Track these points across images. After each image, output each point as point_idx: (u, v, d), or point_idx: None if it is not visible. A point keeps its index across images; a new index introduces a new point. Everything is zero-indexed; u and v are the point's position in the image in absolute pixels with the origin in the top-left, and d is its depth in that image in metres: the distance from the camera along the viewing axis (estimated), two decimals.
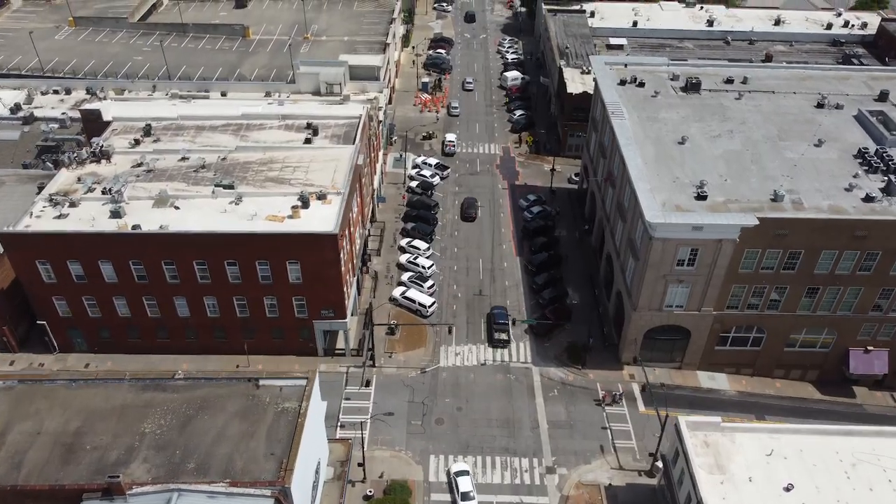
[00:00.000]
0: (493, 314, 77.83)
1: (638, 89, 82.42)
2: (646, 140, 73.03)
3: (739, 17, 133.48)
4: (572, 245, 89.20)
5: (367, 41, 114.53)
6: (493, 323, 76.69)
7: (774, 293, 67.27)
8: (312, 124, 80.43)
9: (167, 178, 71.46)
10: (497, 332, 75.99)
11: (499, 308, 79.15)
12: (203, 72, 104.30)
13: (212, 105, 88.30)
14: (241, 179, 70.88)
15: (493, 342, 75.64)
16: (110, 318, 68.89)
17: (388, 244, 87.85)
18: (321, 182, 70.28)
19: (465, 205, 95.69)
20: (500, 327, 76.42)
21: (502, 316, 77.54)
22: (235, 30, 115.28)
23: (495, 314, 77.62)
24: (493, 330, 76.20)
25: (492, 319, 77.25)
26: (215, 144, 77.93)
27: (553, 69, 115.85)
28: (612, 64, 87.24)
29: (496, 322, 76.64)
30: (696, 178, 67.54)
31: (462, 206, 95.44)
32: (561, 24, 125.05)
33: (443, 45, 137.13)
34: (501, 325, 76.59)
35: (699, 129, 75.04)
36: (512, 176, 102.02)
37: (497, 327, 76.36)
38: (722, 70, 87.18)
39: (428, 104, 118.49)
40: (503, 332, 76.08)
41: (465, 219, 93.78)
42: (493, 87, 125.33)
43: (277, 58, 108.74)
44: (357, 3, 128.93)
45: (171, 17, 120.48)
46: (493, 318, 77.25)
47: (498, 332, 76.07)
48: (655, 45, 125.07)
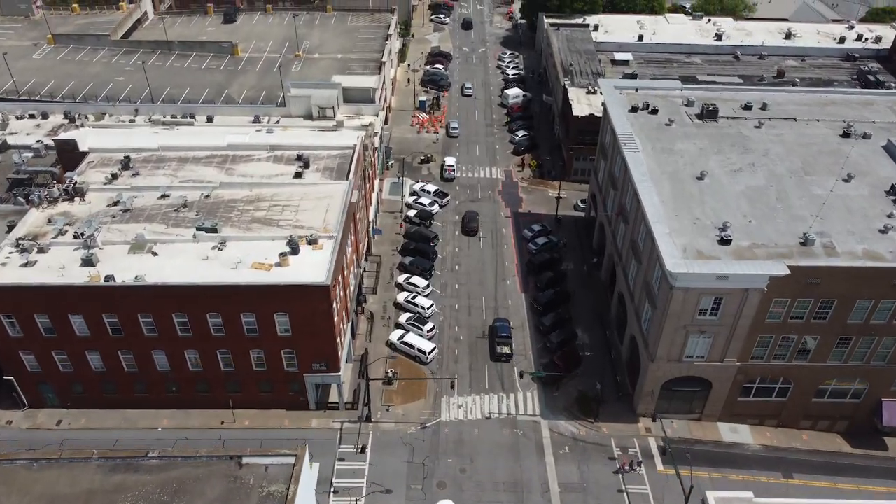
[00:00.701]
0: (495, 327, 75.97)
1: (651, 116, 77.30)
2: (662, 175, 67.88)
3: (748, 30, 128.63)
4: (580, 279, 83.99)
5: (361, 59, 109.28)
6: (496, 336, 74.78)
7: (803, 343, 62.26)
8: (303, 156, 75.06)
9: (145, 218, 66.03)
10: (499, 346, 74.01)
11: (501, 321, 77.12)
12: (188, 93, 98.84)
13: (196, 133, 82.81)
14: (225, 220, 65.49)
15: (495, 356, 73.58)
16: (83, 372, 63.45)
17: (384, 280, 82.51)
18: (312, 223, 64.95)
19: (467, 218, 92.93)
20: (503, 341, 74.42)
21: (504, 329, 75.67)
22: (223, 47, 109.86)
23: (497, 327, 75.76)
24: (496, 343, 74.17)
25: (494, 332, 75.40)
26: (199, 179, 72.53)
27: (556, 87, 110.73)
28: (623, 88, 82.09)
29: (498, 335, 74.80)
30: (717, 218, 62.42)
31: (463, 220, 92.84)
32: (564, 40, 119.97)
33: (441, 59, 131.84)
34: (504, 338, 74.64)
35: (718, 161, 69.95)
36: (515, 203, 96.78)
37: (499, 340, 74.40)
38: (739, 94, 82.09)
39: (426, 124, 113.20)
40: (506, 345, 74.07)
41: (467, 233, 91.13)
42: (494, 105, 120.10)
43: (267, 77, 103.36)
44: (351, 18, 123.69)
45: (155, 34, 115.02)
46: (495, 331, 75.49)
47: (500, 345, 74.07)
48: (662, 61, 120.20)
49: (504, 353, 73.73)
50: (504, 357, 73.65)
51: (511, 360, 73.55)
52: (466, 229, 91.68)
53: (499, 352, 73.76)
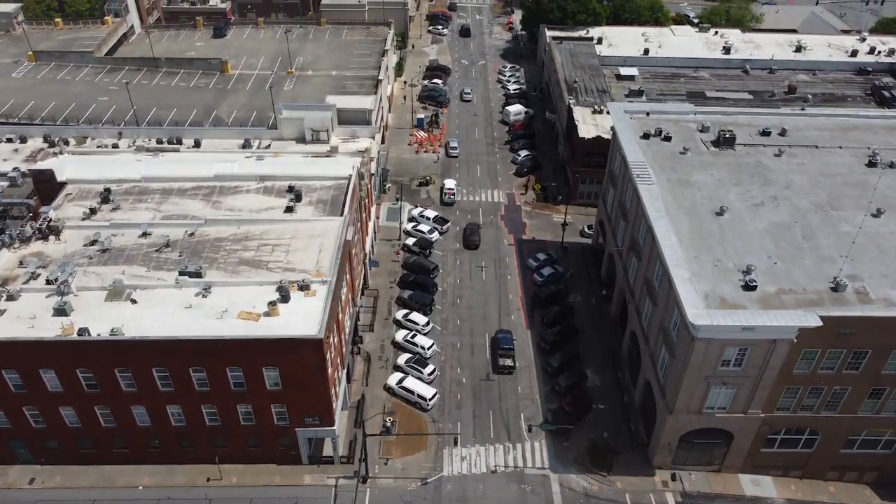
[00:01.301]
0: (497, 339, 75.02)
1: (664, 144, 72.94)
2: (678, 211, 63.49)
3: (757, 42, 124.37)
4: (588, 313, 79.56)
5: (357, 76, 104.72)
6: (498, 348, 73.83)
7: (833, 394, 57.96)
8: (295, 188, 70.53)
9: (125, 259, 61.41)
10: (502, 358, 72.98)
11: (503, 332, 75.94)
12: (175, 114, 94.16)
13: (181, 161, 78.04)
14: (210, 261, 60.91)
15: (498, 368, 72.51)
16: (57, 428, 58.81)
17: (381, 316, 77.99)
18: (304, 265, 60.41)
19: (468, 231, 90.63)
20: (505, 352, 73.37)
21: (507, 341, 74.54)
22: (213, 64, 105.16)
23: (500, 339, 74.79)
24: (498, 355, 73.22)
25: (496, 344, 74.47)
26: (183, 214, 67.93)
27: (560, 105, 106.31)
28: (633, 113, 77.72)
29: (501, 347, 73.80)
30: (740, 260, 58.06)
31: (464, 233, 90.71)
32: (567, 54, 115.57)
33: (439, 73, 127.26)
34: (506, 350, 73.59)
35: (738, 195, 65.58)
36: (518, 229, 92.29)
37: (502, 352, 73.37)
38: (756, 119, 77.70)
39: (424, 143, 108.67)
40: (508, 357, 73.02)
41: (468, 246, 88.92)
42: (495, 122, 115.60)
43: (258, 96, 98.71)
44: (346, 32, 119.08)
45: (141, 50, 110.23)
46: (497, 342, 74.53)
47: (503, 357, 73.06)
48: (668, 75, 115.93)
49: (506, 365, 72.47)
50: (506, 369, 72.34)
51: (514, 372, 72.24)
52: (468, 242, 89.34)
53: (501, 364, 72.50)
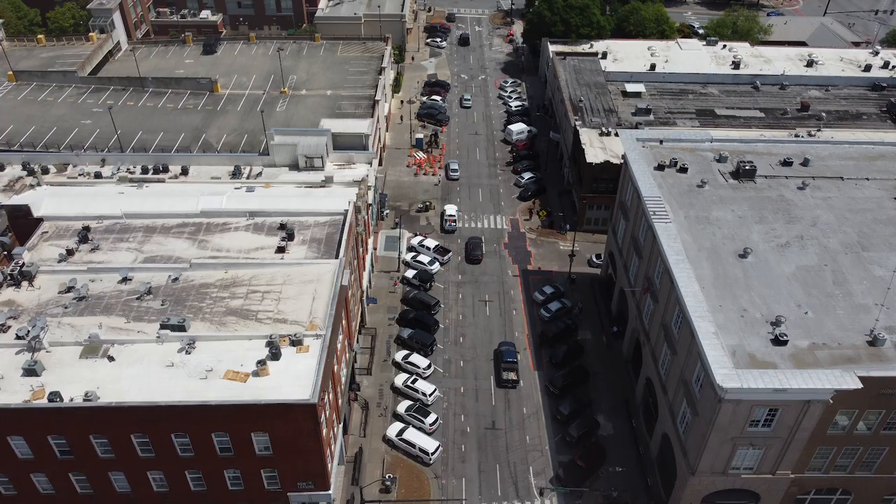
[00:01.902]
0: (500, 351, 74.10)
1: (680, 176, 68.66)
2: (699, 253, 59.19)
3: (767, 57, 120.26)
4: (599, 352, 75.28)
5: (353, 95, 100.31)
6: (501, 361, 72.85)
7: (869, 454, 53.75)
8: (287, 225, 66.11)
9: (102, 309, 56.86)
10: (505, 372, 71.94)
11: (506, 344, 74.89)
12: (162, 139, 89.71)
13: (166, 193, 73.42)
14: (195, 311, 56.40)
15: (501, 383, 71.56)
16: (29, 496, 54.16)
17: (380, 358, 73.56)
18: (297, 315, 55.93)
19: (470, 245, 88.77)
20: (509, 366, 72.41)
21: (510, 354, 73.45)
22: (202, 84, 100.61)
23: (503, 352, 73.74)
24: (501, 369, 72.19)
25: (499, 357, 73.56)
26: (167, 254, 63.46)
27: (565, 125, 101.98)
28: (646, 141, 73.46)
29: (504, 360, 72.79)
30: (768, 309, 53.77)
31: (467, 248, 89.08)
32: (571, 71, 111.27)
33: (438, 89, 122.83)
34: (510, 363, 72.58)
35: (762, 234, 61.30)
36: (523, 259, 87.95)
37: (505, 366, 72.37)
38: (775, 148, 73.45)
39: (423, 165, 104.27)
40: (511, 370, 72.06)
41: (470, 260, 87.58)
42: (496, 142, 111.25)
43: (250, 118, 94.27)
44: (342, 48, 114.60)
45: (127, 68, 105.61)
46: (500, 355, 73.58)
47: (506, 370, 72.06)
48: (676, 92, 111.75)
49: (510, 378, 71.50)
50: (510, 383, 71.39)
51: (518, 386, 71.22)
52: (470, 257, 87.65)
53: (504, 378, 71.50)
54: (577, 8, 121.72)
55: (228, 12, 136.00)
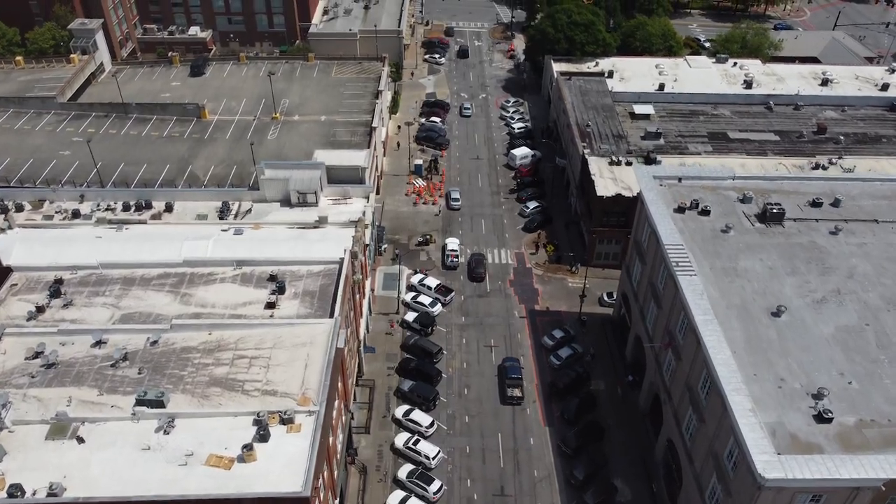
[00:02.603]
0: (505, 367, 72.67)
1: (702, 219, 63.65)
2: (728, 310, 54.18)
3: (780, 75, 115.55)
4: (614, 404, 70.16)
5: (348, 121, 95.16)
6: (506, 378, 71.31)
7: None
8: (277, 277, 60.99)
9: (73, 378, 51.54)
10: (510, 389, 70.53)
11: (511, 360, 73.50)
12: (145, 171, 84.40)
13: (148, 237, 68.12)
14: (175, 381, 51.15)
15: (506, 400, 70.05)
16: None
17: (379, 413, 68.33)
18: (287, 385, 50.71)
19: (473, 262, 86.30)
20: (514, 382, 70.93)
21: (515, 370, 71.98)
22: (188, 109, 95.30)
23: (507, 367, 72.36)
24: (506, 385, 70.75)
25: (503, 373, 72.09)
26: (146, 310, 58.27)
27: (572, 151, 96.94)
28: (663, 179, 68.46)
29: (509, 377, 71.30)
30: (808, 379, 48.79)
31: (469, 266, 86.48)
32: (577, 92, 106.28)
33: (437, 110, 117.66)
34: (514, 379, 71.11)
35: (795, 287, 56.32)
36: (530, 298, 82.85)
37: (510, 382, 70.94)
38: (802, 185, 68.52)
39: (423, 193, 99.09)
40: (516, 387, 70.62)
41: (473, 278, 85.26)
42: (499, 167, 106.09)
43: (239, 147, 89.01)
44: (336, 68, 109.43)
45: (111, 92, 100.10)
46: (505, 371, 72.11)
47: (511, 387, 70.60)
48: (686, 113, 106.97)
49: (515, 395, 70.10)
50: (515, 400, 69.86)
51: (522, 402, 69.88)
52: (473, 275, 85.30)
53: (509, 395, 70.21)
54: (582, 25, 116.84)
55: (218, 28, 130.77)
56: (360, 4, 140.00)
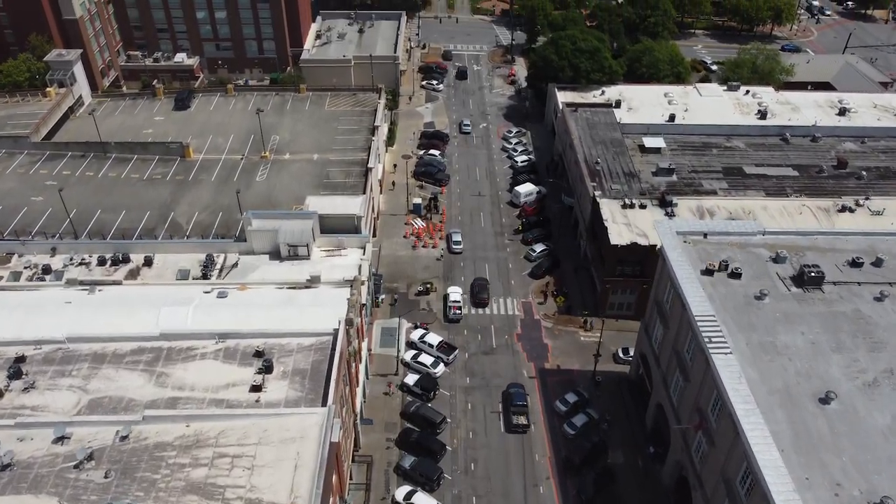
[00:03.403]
0: (509, 393, 70.31)
1: (733, 283, 57.85)
2: (770, 397, 48.33)
3: (794, 103, 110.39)
4: (634, 478, 64.08)
5: (343, 160, 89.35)
6: (511, 405, 69.14)
7: None
8: (264, 352, 54.85)
9: (31, 483, 45.08)
10: (515, 416, 68.31)
11: (515, 386, 71.24)
12: (124, 219, 78.38)
13: (123, 301, 62.06)
14: (147, 487, 44.81)
15: (511, 428, 67.76)
16: None
17: (377, 495, 62.01)
18: (274, 491, 44.35)
19: (476, 288, 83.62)
20: (518, 409, 68.64)
21: (520, 397, 69.76)
22: (172, 148, 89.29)
23: (512, 394, 69.98)
24: (511, 413, 68.59)
25: (508, 400, 69.74)
26: (117, 394, 51.98)
27: (581, 190, 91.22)
28: (687, 235, 62.75)
29: (513, 404, 69.09)
30: (867, 483, 42.92)
31: (472, 290, 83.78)
32: (584, 125, 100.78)
33: (436, 142, 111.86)
34: (519, 406, 68.84)
35: (842, 367, 50.53)
36: (540, 354, 76.89)
37: (515, 409, 68.69)
38: (838, 241, 62.87)
39: (423, 235, 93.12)
40: (521, 414, 68.36)
41: (477, 304, 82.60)
42: (503, 205, 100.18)
43: (226, 189, 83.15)
44: (329, 100, 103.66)
45: (89, 128, 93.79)
46: (509, 398, 69.70)
47: (516, 415, 68.41)
48: (699, 146, 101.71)
49: (520, 423, 67.68)
50: (520, 428, 67.56)
51: (528, 430, 67.38)
52: (477, 300, 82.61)
53: (514, 423, 67.85)
54: (587, 52, 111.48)
55: (206, 55, 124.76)
56: (355, 28, 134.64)
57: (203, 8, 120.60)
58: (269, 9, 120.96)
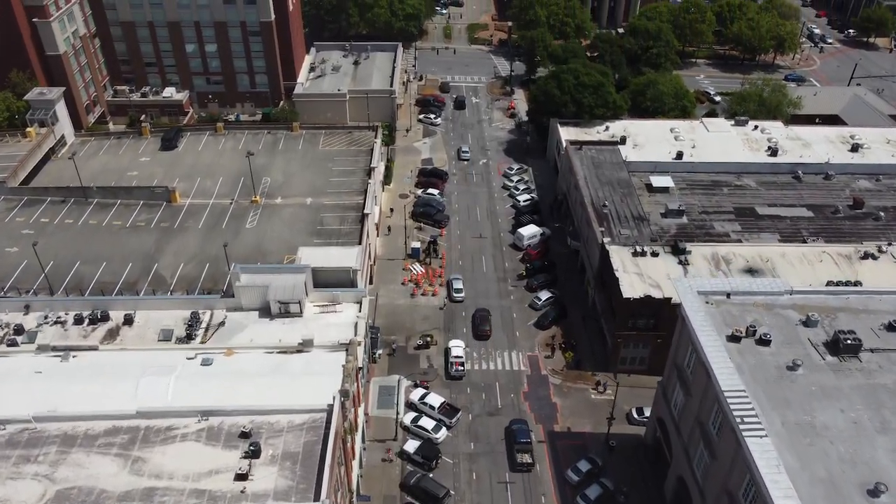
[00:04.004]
0: (512, 430, 68.30)
1: (762, 351, 53.29)
2: (813, 489, 43.50)
3: (805, 139, 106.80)
4: None
5: (337, 205, 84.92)
6: (514, 442, 67.17)
7: None
8: (251, 433, 49.87)
9: None
10: (519, 455, 66.34)
11: (519, 422, 69.21)
12: (103, 272, 73.58)
13: (98, 369, 57.18)
14: None
15: (515, 466, 65.77)
16: None
17: None
18: None
19: (478, 319, 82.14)
20: (523, 447, 66.81)
21: (524, 433, 67.87)
22: (157, 193, 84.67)
23: (516, 431, 68.00)
24: (515, 451, 66.60)
25: (511, 437, 67.79)
26: (87, 485, 46.81)
27: (588, 234, 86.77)
28: (709, 294, 58.32)
29: (517, 441, 67.16)
30: None
31: (474, 322, 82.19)
32: (589, 164, 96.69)
33: (434, 180, 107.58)
34: (524, 444, 66.98)
35: (890, 451, 45.77)
36: (548, 415, 71.97)
37: (519, 447, 66.79)
38: (870, 300, 58.27)
39: (422, 282, 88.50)
40: (525, 452, 66.53)
41: (478, 336, 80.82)
42: (505, 247, 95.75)
43: (213, 238, 78.48)
44: (323, 138, 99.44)
45: (70, 171, 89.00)
46: (513, 435, 67.78)
47: (520, 452, 66.49)
48: (708, 185, 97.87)
49: (525, 462, 65.81)
50: (525, 467, 65.60)
51: (533, 469, 65.52)
52: (478, 332, 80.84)
53: (519, 461, 65.96)
54: (591, 87, 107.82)
55: (196, 89, 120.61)
56: (350, 60, 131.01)
57: (193, 41, 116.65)
58: (261, 42, 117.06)
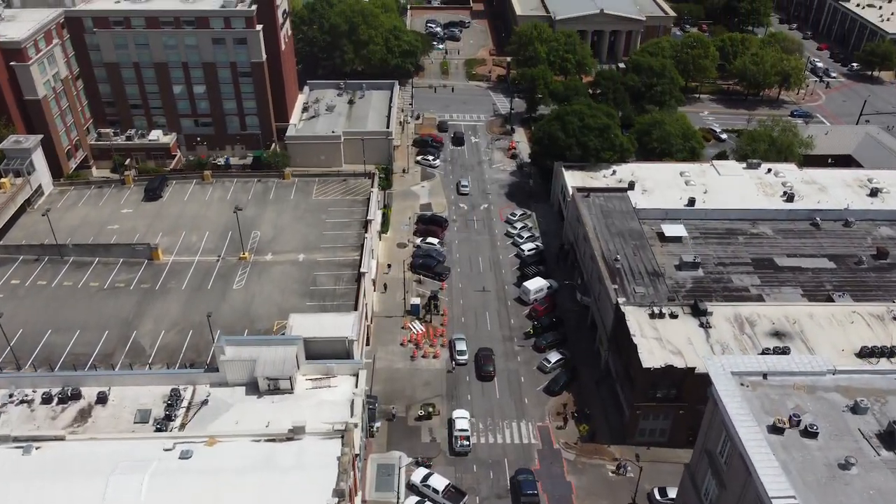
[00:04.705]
0: (518, 481, 65.54)
1: (809, 444, 47.43)
2: None
3: (821, 183, 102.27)
4: None
5: (332, 262, 79.51)
6: (521, 494, 64.35)
7: None
8: None
9: None
10: None
11: (524, 472, 66.64)
12: (76, 343, 67.92)
13: (63, 464, 50.87)
14: None
15: None
16: None
17: None
18: None
19: (481, 359, 79.29)
20: (529, 500, 63.82)
21: (530, 485, 65.09)
22: (138, 251, 79.07)
23: (521, 482, 65.25)
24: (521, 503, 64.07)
25: (517, 489, 64.88)
26: None
27: (599, 290, 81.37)
28: (743, 376, 52.68)
29: (524, 493, 64.33)
30: None
31: (477, 362, 79.57)
32: (598, 213, 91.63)
33: (433, 228, 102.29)
34: (530, 496, 64.02)
35: None
36: (563, 496, 65.58)
37: (525, 500, 63.88)
38: None
39: (422, 342, 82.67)
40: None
41: (482, 377, 78.12)
42: (510, 301, 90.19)
43: (198, 301, 72.85)
44: (317, 186, 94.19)
45: (44, 227, 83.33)
46: (518, 486, 65.03)
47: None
48: (723, 233, 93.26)
49: None
50: None
51: None
52: (482, 374, 78.16)
53: None
54: (596, 129, 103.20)
55: (184, 132, 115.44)
56: (344, 99, 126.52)
57: (180, 82, 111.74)
58: (252, 83, 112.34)
